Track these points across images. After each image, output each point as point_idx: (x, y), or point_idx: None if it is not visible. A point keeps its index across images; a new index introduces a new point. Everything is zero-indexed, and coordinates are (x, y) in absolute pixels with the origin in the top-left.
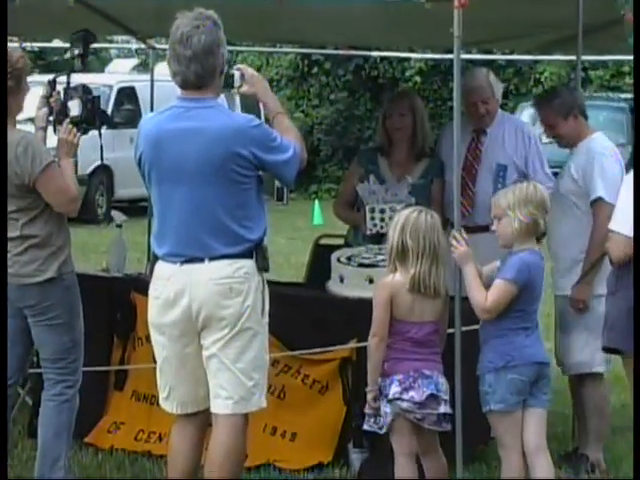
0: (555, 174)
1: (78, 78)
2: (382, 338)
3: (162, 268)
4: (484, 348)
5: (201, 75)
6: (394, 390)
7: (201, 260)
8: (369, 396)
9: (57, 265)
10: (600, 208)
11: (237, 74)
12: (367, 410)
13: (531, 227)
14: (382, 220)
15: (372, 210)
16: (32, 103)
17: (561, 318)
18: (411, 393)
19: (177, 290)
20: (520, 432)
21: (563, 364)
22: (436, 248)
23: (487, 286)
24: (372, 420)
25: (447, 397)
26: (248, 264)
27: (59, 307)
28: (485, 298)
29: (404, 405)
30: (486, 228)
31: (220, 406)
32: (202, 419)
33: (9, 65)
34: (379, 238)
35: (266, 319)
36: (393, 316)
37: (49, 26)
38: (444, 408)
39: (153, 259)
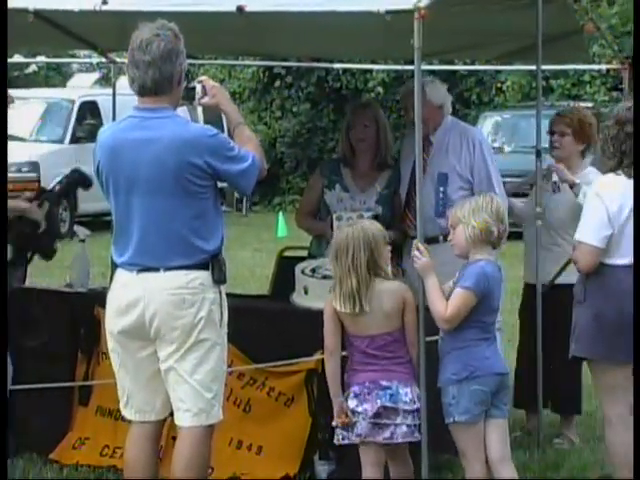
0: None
1: (41, 92)
2: (332, 352)
3: (120, 275)
4: (445, 360)
5: (158, 81)
6: (350, 403)
7: (156, 270)
8: (335, 409)
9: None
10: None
11: (199, 86)
12: (335, 423)
13: (484, 234)
14: None
15: (339, 218)
16: None
17: None
18: (365, 405)
19: (132, 298)
20: (482, 443)
21: None
22: (346, 265)
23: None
24: (345, 432)
25: (411, 407)
26: (203, 275)
27: None
28: (445, 308)
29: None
30: (434, 239)
31: (180, 419)
32: (159, 429)
33: None
34: None
35: (225, 330)
36: (344, 330)
37: (10, 41)
38: (403, 419)
39: (113, 267)
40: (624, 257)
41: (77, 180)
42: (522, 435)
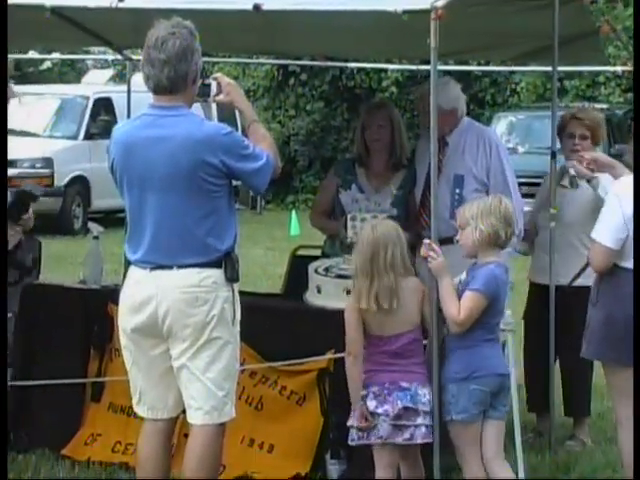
0: (533, 184)
1: (55, 88)
2: (356, 356)
3: (133, 272)
4: (450, 358)
5: (173, 79)
6: (370, 404)
7: (169, 267)
8: (357, 413)
9: None
10: None
11: (213, 83)
12: (353, 424)
13: (492, 237)
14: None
15: (353, 218)
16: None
17: None
18: (385, 407)
19: (145, 295)
20: (479, 442)
21: None
22: (376, 263)
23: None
24: (361, 433)
25: (429, 408)
26: (216, 274)
27: None
28: (458, 311)
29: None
30: (448, 240)
31: (192, 417)
32: (171, 426)
33: None
34: None
35: (237, 328)
36: (367, 332)
37: (25, 38)
38: (422, 419)
39: (127, 264)
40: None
41: (23, 197)
42: (534, 437)
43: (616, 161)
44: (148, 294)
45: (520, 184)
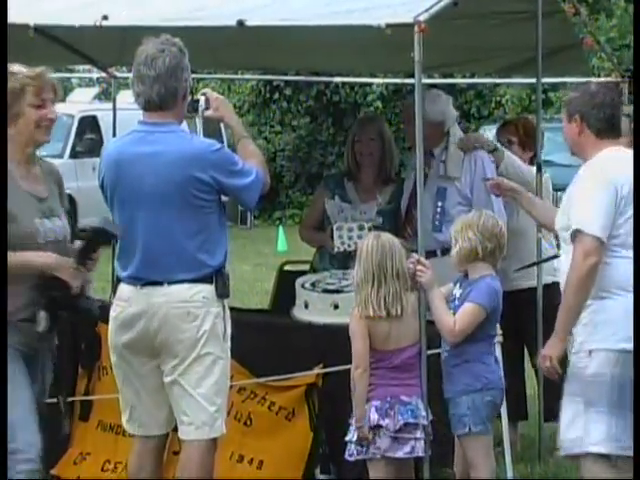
0: None
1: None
2: (365, 369)
3: (122, 290)
4: (455, 372)
5: (163, 96)
6: (372, 417)
7: (160, 284)
8: (359, 430)
9: None
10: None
11: (202, 99)
12: (352, 439)
13: (471, 252)
14: (350, 238)
15: (339, 228)
16: None
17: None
18: (387, 420)
19: (135, 312)
20: (492, 453)
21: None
22: (383, 269)
23: None
24: (360, 448)
25: (426, 422)
26: (207, 289)
27: None
28: (454, 322)
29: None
30: (431, 253)
31: (184, 432)
32: (162, 443)
33: None
34: (346, 258)
35: (228, 344)
36: (372, 346)
37: (9, 56)
38: (421, 433)
39: (116, 281)
40: None
41: (99, 237)
42: (522, 448)
43: (520, 188)
44: (139, 310)
45: None
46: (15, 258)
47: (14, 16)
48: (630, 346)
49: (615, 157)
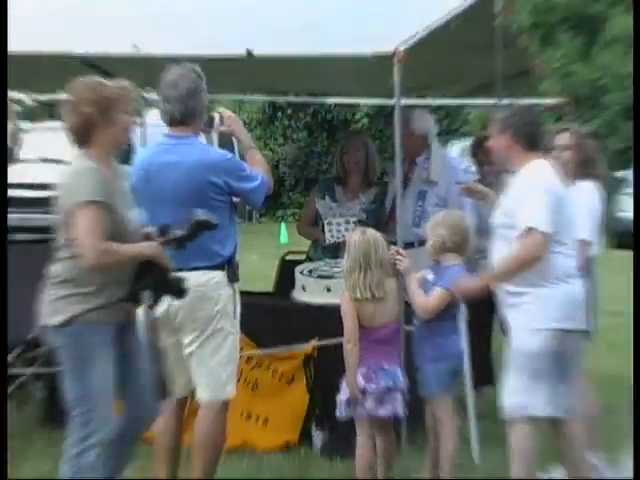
0: None
1: None
2: (355, 343)
3: None
4: (424, 343)
5: (184, 114)
6: (359, 381)
7: (180, 270)
8: (351, 392)
9: (70, 310)
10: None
11: (217, 116)
12: (342, 398)
13: (441, 245)
14: (338, 232)
15: (329, 223)
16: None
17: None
18: (371, 385)
19: None
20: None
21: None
22: (368, 259)
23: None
24: (349, 407)
25: (404, 386)
26: (219, 275)
27: (64, 354)
28: (427, 302)
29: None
30: (410, 244)
31: (201, 395)
32: (183, 404)
33: (94, 94)
34: (336, 248)
35: (238, 321)
36: (360, 324)
37: (53, 82)
38: (401, 396)
39: None
40: None
41: (202, 227)
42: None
43: (489, 190)
44: None
45: None
46: (130, 249)
47: (61, 46)
48: (565, 325)
49: (546, 166)
